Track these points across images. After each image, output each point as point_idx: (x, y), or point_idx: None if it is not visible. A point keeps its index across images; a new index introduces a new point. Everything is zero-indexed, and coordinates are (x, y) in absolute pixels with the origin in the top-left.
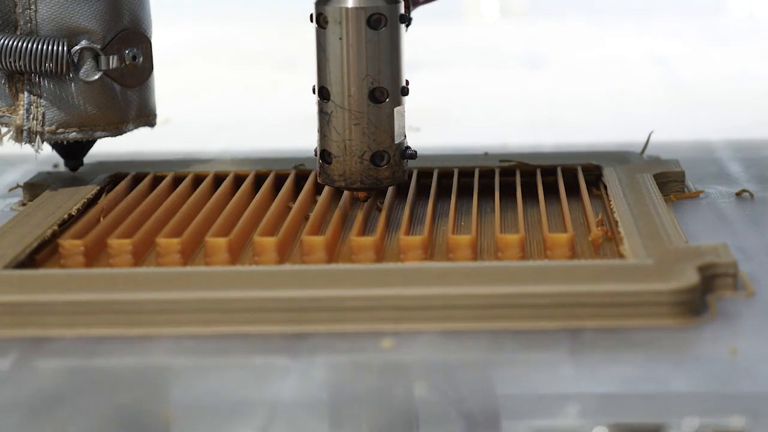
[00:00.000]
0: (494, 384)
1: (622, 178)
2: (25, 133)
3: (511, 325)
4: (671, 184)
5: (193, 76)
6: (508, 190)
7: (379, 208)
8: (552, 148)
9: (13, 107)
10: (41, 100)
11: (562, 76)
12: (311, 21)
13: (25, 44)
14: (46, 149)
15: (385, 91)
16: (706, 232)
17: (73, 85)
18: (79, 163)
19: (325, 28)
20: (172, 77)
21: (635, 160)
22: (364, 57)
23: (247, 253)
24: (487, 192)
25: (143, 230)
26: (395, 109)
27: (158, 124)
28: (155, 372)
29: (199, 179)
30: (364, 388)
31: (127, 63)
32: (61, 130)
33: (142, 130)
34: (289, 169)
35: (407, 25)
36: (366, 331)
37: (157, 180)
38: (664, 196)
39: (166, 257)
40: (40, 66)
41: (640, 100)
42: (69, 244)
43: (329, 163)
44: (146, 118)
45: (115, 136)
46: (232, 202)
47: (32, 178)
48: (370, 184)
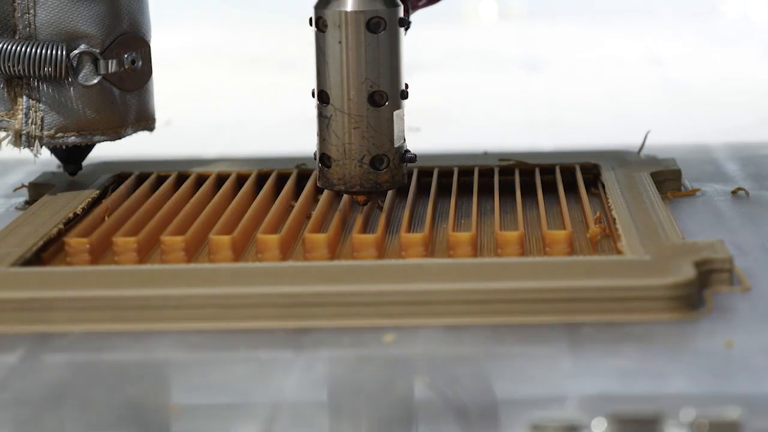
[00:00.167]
0: (494, 377)
1: (620, 177)
2: (24, 138)
3: (511, 320)
4: (668, 183)
5: (194, 79)
6: (507, 189)
7: (380, 207)
8: (551, 148)
9: (11, 112)
10: (40, 105)
11: (560, 78)
12: (310, 25)
13: (23, 48)
14: (45, 153)
15: (385, 94)
16: (703, 229)
17: (72, 89)
18: (78, 168)
19: (324, 32)
20: (172, 80)
21: (633, 159)
22: (364, 60)
23: (251, 251)
24: (486, 191)
25: (148, 228)
26: (395, 113)
27: (159, 126)
28: (161, 366)
29: (202, 179)
30: (367, 381)
31: (126, 67)
32: (60, 135)
33: (143, 133)
34: (291, 169)
35: (406, 29)
36: (368, 326)
37: (161, 179)
38: (661, 194)
39: (170, 255)
40: (39, 70)
41: (638, 102)
42: (75, 242)
43: (329, 167)
44: (145, 122)
45: (114, 140)
46: (235, 201)
47: (37, 178)
48: (369, 187)
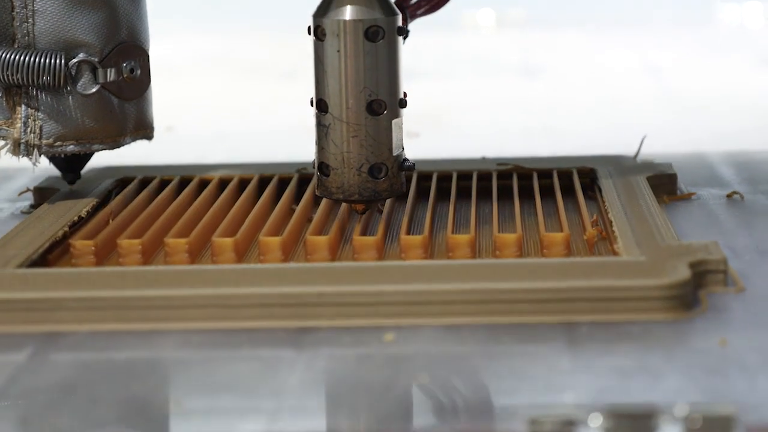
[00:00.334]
0: (493, 374)
1: (617, 181)
2: (22, 147)
3: (509, 320)
4: (664, 187)
5: (194, 87)
6: (505, 193)
7: (380, 211)
8: (548, 153)
9: (10, 120)
10: (39, 113)
11: (558, 85)
12: (309, 33)
13: (22, 57)
14: (44, 162)
15: (383, 103)
16: (698, 232)
17: (70, 98)
18: (77, 177)
19: (322, 41)
20: (173, 88)
21: (629, 164)
22: (362, 69)
23: (253, 253)
24: (485, 194)
25: (152, 231)
26: (393, 122)
27: (160, 132)
28: (166, 364)
29: (204, 183)
30: (368, 378)
31: (125, 76)
32: (58, 143)
33: (145, 140)
34: (292, 173)
35: (405, 38)
36: (369, 325)
37: (164, 184)
38: (657, 198)
39: (174, 257)
40: (38, 79)
41: (634, 108)
42: (80, 244)
43: (327, 176)
44: (144, 130)
45: (112, 149)
46: (237, 204)
47: (41, 183)
48: (368, 196)
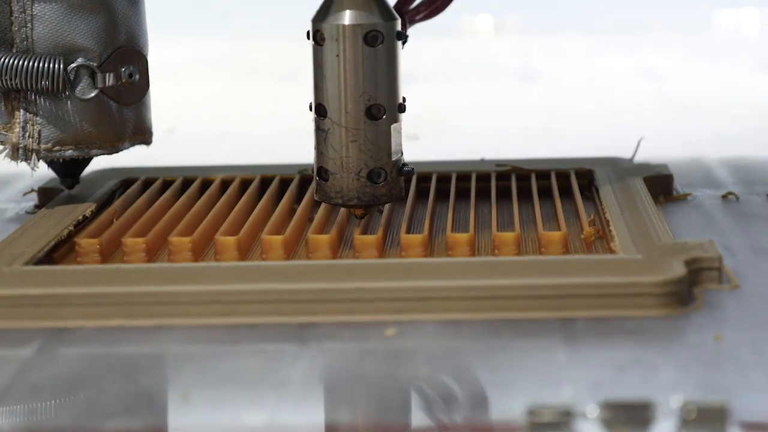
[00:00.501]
0: (492, 367)
1: (613, 182)
2: (21, 151)
3: (508, 315)
4: (660, 188)
5: (194, 90)
6: (504, 194)
7: (380, 210)
8: (546, 155)
9: (9, 125)
10: (37, 118)
11: (556, 89)
12: (308, 38)
13: (21, 62)
14: (42, 167)
15: (382, 108)
16: (693, 232)
17: (69, 102)
18: (75, 181)
19: (321, 45)
20: (173, 91)
21: (626, 165)
22: (361, 74)
23: (255, 252)
24: (484, 195)
25: (156, 230)
26: (392, 126)
27: (162, 134)
28: (171, 358)
29: (207, 183)
30: (370, 372)
31: (124, 81)
32: (57, 148)
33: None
34: (293, 174)
35: (404, 43)
36: (370, 321)
37: (167, 184)
38: (654, 198)
39: (178, 255)
40: (36, 84)
41: (631, 112)
42: (85, 242)
43: (326, 180)
44: (142, 135)
45: (111, 153)
46: (240, 204)
47: (46, 183)
48: (367, 201)
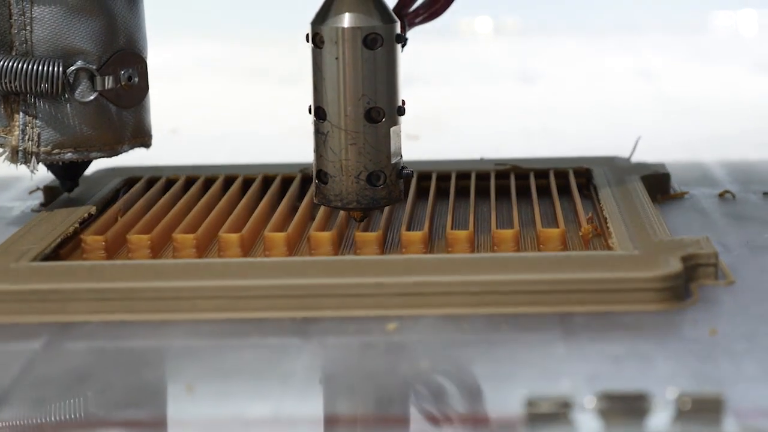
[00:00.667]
0: (491, 360)
1: (611, 180)
2: (20, 154)
3: (507, 310)
4: (657, 186)
5: (196, 91)
6: (503, 192)
7: (381, 209)
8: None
9: (8, 128)
10: (36, 121)
11: (554, 90)
12: (307, 41)
13: (20, 65)
14: (42, 170)
15: (382, 110)
16: (690, 229)
17: (68, 105)
18: (75, 184)
19: (321, 48)
20: (176, 92)
21: (624, 164)
22: (361, 77)
23: (259, 249)
24: (483, 193)
25: (160, 227)
26: (391, 129)
27: (166, 133)
28: (176, 352)
29: (210, 181)
30: (371, 365)
31: (123, 84)
32: (56, 151)
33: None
34: (295, 173)
35: (403, 45)
36: (372, 315)
37: (170, 183)
38: (651, 197)
39: (182, 252)
40: (36, 87)
41: (629, 112)
42: (91, 239)
43: (325, 183)
44: (142, 138)
45: (110, 156)
46: (243, 202)
47: (51, 182)
48: (366, 204)
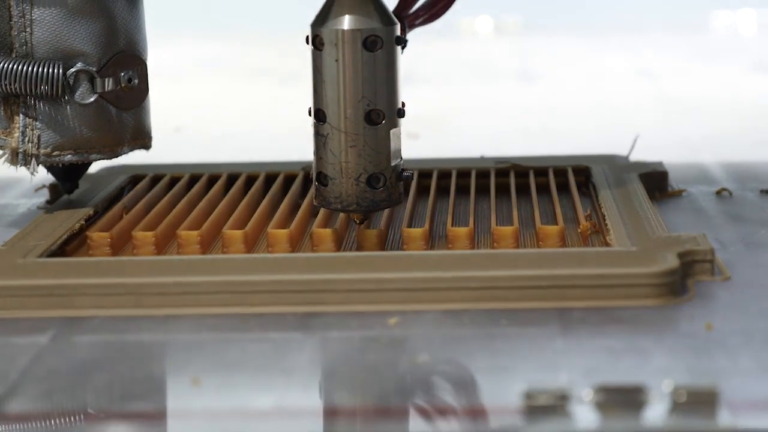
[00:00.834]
0: (490, 354)
1: (610, 178)
2: (20, 156)
3: (506, 305)
4: (655, 184)
5: (199, 91)
6: (503, 190)
7: None
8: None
9: (8, 130)
10: (36, 123)
11: (554, 89)
12: (307, 43)
13: (20, 67)
14: (42, 171)
15: (381, 113)
16: (687, 226)
17: (68, 107)
18: (75, 186)
19: (321, 50)
20: (178, 92)
21: (622, 162)
22: (360, 79)
23: (262, 245)
24: (483, 191)
25: (165, 224)
26: (391, 131)
27: (170, 132)
28: (181, 345)
29: (213, 179)
30: (373, 358)
31: (123, 86)
32: (56, 153)
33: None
34: (298, 170)
35: (403, 47)
36: (374, 310)
37: (174, 180)
38: (649, 194)
39: (186, 248)
40: (36, 88)
41: (628, 111)
42: (97, 236)
43: (325, 186)
44: (142, 140)
45: (110, 158)
46: (246, 199)
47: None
48: (366, 206)
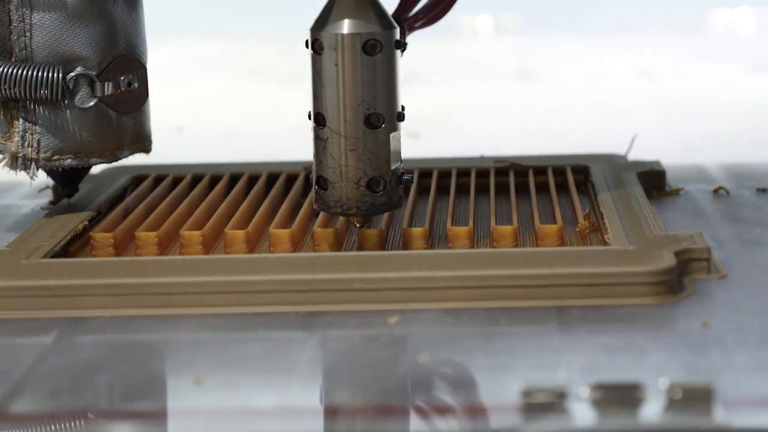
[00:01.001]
0: (489, 351)
1: (608, 177)
2: (20, 161)
3: (505, 304)
4: (653, 183)
5: (200, 91)
6: (502, 189)
7: None
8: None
9: (8, 134)
10: (36, 127)
11: (554, 89)
12: (306, 47)
13: (20, 71)
14: (41, 176)
15: (381, 116)
16: (685, 224)
17: (68, 111)
18: (75, 190)
19: (320, 54)
20: (180, 91)
21: (620, 161)
22: (360, 83)
23: (263, 245)
24: (483, 190)
25: (167, 224)
26: (391, 135)
27: (172, 132)
28: (184, 345)
29: (215, 179)
30: (374, 357)
31: (123, 89)
32: (56, 157)
33: (154, 142)
34: (299, 170)
35: (402, 51)
36: (374, 309)
37: (177, 180)
38: (647, 193)
39: (189, 248)
40: (35, 93)
41: (627, 111)
42: (100, 236)
43: (325, 189)
44: (141, 144)
45: (110, 162)
46: (248, 199)
47: None
48: (366, 210)
